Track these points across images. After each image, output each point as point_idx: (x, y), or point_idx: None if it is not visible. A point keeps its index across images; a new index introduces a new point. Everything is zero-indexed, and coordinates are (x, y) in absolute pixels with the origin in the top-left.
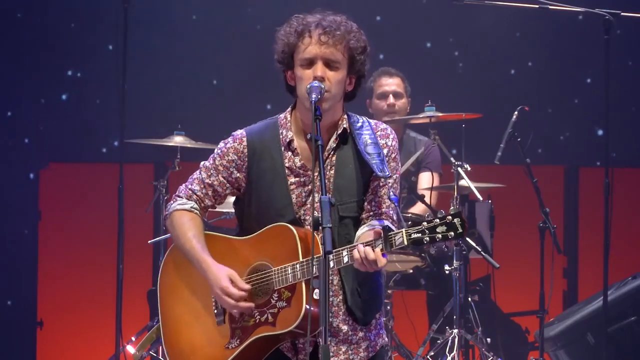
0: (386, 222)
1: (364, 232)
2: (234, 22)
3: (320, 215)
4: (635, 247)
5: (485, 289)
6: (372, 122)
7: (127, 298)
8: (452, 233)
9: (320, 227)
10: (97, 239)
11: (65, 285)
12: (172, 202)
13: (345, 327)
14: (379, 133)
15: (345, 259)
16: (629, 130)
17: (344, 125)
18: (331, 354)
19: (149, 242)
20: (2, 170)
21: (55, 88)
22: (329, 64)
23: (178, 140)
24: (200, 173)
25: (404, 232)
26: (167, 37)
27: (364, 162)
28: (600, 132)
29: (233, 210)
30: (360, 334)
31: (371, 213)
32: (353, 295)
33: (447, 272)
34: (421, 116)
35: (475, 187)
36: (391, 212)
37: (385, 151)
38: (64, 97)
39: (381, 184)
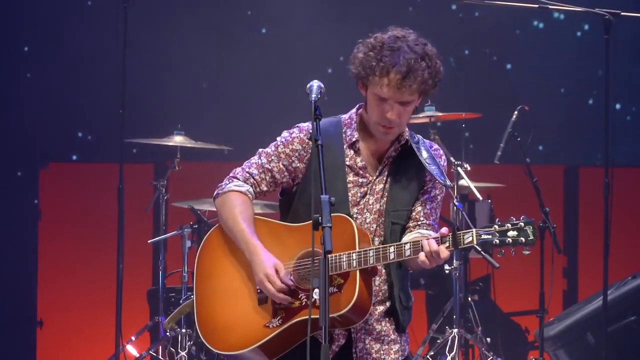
0: (433, 233)
1: (413, 237)
2: (234, 22)
3: (320, 214)
4: (635, 247)
5: (485, 289)
6: (427, 141)
7: (127, 298)
8: (523, 239)
9: (320, 227)
10: (97, 238)
11: (65, 285)
12: (227, 182)
13: (379, 327)
14: (433, 152)
15: (408, 252)
16: (629, 130)
17: (407, 137)
18: (364, 351)
19: (149, 242)
20: (2, 170)
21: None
22: (402, 103)
23: (178, 140)
24: (260, 158)
25: (474, 232)
26: (167, 37)
27: (420, 175)
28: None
29: None
30: (393, 337)
31: (418, 222)
32: (397, 300)
33: (446, 271)
34: (421, 116)
35: (475, 187)
36: (436, 225)
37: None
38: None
39: (432, 197)
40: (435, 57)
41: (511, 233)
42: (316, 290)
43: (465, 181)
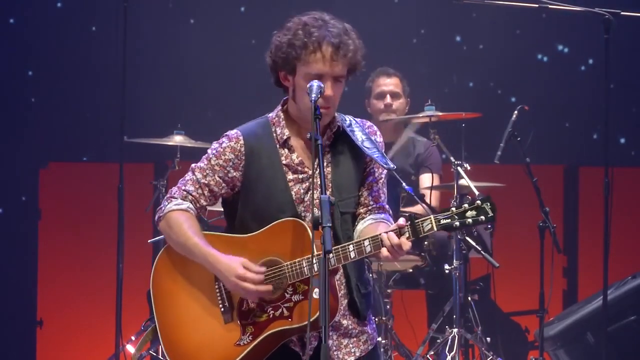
0: (387, 217)
1: (367, 225)
2: (233, 23)
3: (319, 214)
4: (635, 247)
5: (485, 289)
6: (357, 120)
7: (127, 298)
8: (483, 217)
9: (320, 227)
10: (97, 238)
11: (65, 285)
12: (165, 202)
13: (345, 322)
14: (367, 130)
15: (368, 249)
16: (629, 129)
17: (338, 123)
18: (334, 348)
19: (149, 241)
20: (2, 169)
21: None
22: (335, 79)
23: (178, 139)
24: (194, 174)
25: (432, 218)
26: (167, 37)
27: (359, 158)
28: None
29: None
30: (359, 328)
31: (369, 207)
32: (355, 290)
33: (446, 271)
34: (421, 116)
35: (475, 187)
36: (386, 206)
37: None
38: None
39: (376, 178)
40: (354, 32)
41: (470, 213)
42: (316, 290)
43: (465, 181)
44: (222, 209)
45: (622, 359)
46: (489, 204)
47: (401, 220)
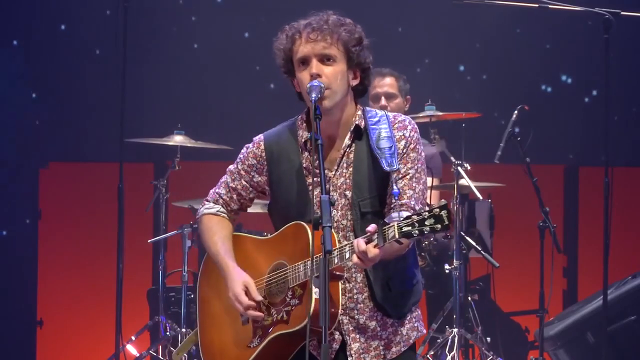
0: (404, 213)
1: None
2: (232, 23)
3: (320, 214)
4: (635, 247)
5: (485, 288)
6: (391, 115)
7: (127, 297)
8: (439, 225)
9: (320, 227)
10: (96, 238)
11: (65, 285)
12: (201, 206)
13: (373, 323)
14: (396, 125)
15: (347, 255)
16: (629, 129)
17: (357, 122)
18: (361, 350)
19: (149, 241)
20: (2, 169)
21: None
22: (323, 60)
23: (178, 139)
24: (226, 177)
25: (395, 225)
26: (167, 37)
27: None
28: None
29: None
30: (391, 329)
31: (392, 206)
32: (383, 289)
33: (447, 271)
34: (421, 115)
35: (475, 187)
36: (412, 202)
37: (403, 143)
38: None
39: (399, 176)
40: (342, 16)
41: (429, 221)
42: (316, 290)
43: (465, 181)
44: None
45: (622, 359)
46: (445, 212)
47: (371, 227)
